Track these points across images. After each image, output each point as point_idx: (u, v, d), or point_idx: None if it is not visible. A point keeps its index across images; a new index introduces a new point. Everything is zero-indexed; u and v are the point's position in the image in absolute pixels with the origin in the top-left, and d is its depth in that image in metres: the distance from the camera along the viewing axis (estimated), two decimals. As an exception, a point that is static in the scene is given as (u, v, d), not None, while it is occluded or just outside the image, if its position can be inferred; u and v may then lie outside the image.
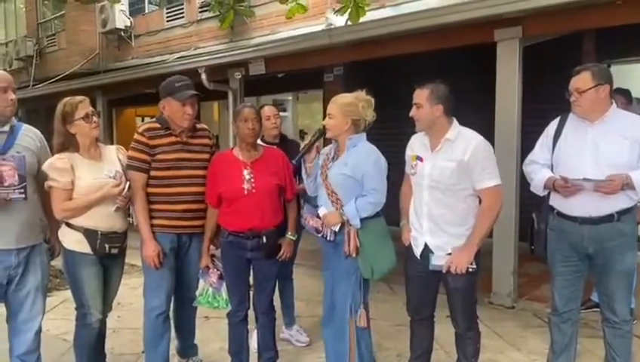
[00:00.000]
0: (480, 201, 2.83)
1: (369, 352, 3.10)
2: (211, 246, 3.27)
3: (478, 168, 2.74)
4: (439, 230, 2.84)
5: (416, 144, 2.99)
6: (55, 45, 12.12)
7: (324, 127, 3.04)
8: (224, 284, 3.22)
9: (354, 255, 2.92)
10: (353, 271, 2.97)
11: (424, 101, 2.80)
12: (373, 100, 3.02)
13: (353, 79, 2.87)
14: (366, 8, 5.25)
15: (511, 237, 4.85)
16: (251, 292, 3.30)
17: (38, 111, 10.59)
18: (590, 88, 2.77)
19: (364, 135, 3.05)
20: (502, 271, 4.90)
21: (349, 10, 5.18)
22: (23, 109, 10.13)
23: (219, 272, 3.23)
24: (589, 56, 5.71)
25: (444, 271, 2.81)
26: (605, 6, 4.27)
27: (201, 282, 3.24)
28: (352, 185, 2.94)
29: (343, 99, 3.01)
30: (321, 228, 3.04)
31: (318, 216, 3.04)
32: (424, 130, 2.92)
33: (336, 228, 2.97)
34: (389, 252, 3.00)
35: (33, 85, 11.64)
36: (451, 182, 2.78)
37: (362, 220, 2.91)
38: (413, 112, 2.86)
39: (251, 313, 3.34)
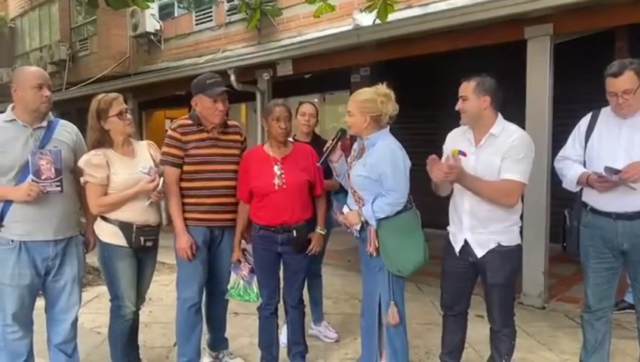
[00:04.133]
0: (522, 199, 2.80)
1: (404, 349, 3.05)
2: (242, 241, 3.31)
3: (510, 159, 2.70)
4: (480, 226, 2.82)
5: (459, 138, 2.93)
6: (87, 49, 12.38)
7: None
8: (255, 278, 3.26)
9: (374, 254, 2.92)
10: (379, 268, 2.96)
11: (470, 93, 2.77)
12: (392, 93, 2.92)
13: (380, 80, 2.85)
14: (395, 6, 5.23)
15: (542, 237, 4.80)
16: (281, 287, 3.34)
17: (71, 113, 10.84)
18: (638, 87, 2.71)
19: (386, 132, 2.95)
20: (532, 272, 4.83)
21: (378, 8, 5.17)
22: (57, 111, 10.36)
23: (250, 266, 3.27)
24: (621, 54, 5.59)
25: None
26: (638, 1, 4.19)
27: (233, 275, 3.29)
28: (371, 186, 2.90)
29: (361, 95, 2.94)
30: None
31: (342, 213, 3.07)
32: (469, 123, 2.87)
33: (357, 228, 2.97)
34: (414, 249, 2.93)
35: (66, 88, 11.92)
36: (495, 178, 2.74)
37: (382, 219, 2.87)
38: (459, 105, 2.83)
39: (280, 308, 3.37)
